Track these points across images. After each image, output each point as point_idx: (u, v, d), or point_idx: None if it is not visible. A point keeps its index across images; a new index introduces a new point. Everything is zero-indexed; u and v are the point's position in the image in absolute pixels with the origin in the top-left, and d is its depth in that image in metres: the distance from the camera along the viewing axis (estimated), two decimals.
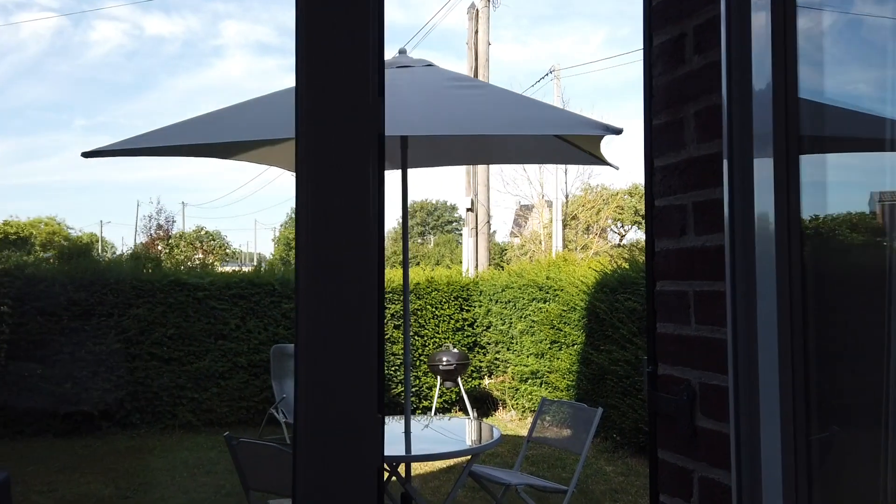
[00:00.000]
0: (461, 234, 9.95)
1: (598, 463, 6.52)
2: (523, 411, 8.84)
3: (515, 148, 4.57)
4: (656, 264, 1.63)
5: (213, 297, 8.01)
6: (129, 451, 6.82)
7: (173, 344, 7.82)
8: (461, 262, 11.34)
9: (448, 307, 9.44)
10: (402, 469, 4.10)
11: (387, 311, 8.99)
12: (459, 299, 9.57)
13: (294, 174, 0.97)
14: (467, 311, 9.63)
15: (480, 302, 9.57)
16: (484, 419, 8.97)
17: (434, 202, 65.86)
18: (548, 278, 8.27)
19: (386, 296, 8.82)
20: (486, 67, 10.22)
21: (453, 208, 59.39)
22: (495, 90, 4.60)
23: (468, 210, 10.27)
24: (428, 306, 9.29)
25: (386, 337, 8.96)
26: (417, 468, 6.28)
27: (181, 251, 15.46)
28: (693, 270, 1.51)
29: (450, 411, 9.49)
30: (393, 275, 9.29)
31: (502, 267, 9.66)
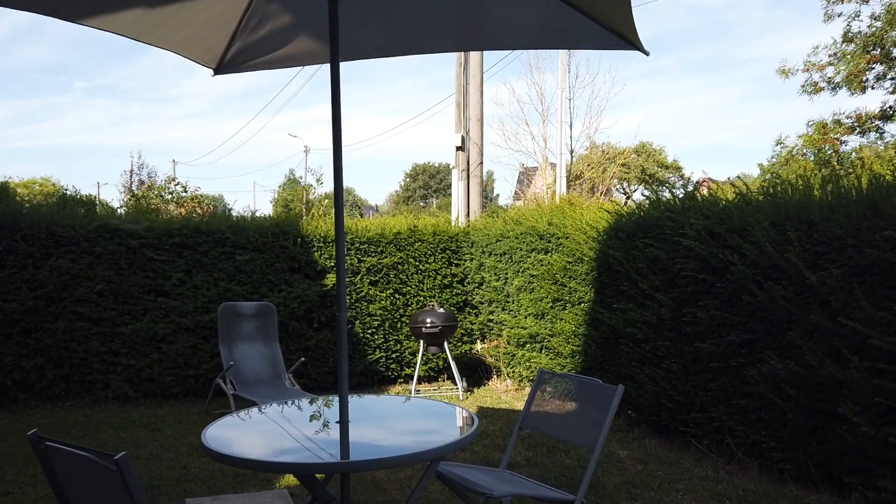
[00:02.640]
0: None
1: (609, 446, 5.41)
2: (520, 380, 7.73)
3: (515, 24, 3.30)
4: None
5: (151, 245, 6.80)
6: (42, 428, 5.70)
7: (103, 302, 6.64)
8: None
9: (434, 261, 8.27)
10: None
11: (362, 263, 7.80)
12: (447, 252, 8.39)
13: None
14: (456, 265, 8.46)
15: (472, 255, 8.38)
16: (475, 389, 7.86)
17: (437, 165, 64.46)
18: (550, 224, 7.06)
19: (362, 246, 7.63)
20: None
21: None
22: None
23: (458, 149, 9.00)
24: (410, 259, 8.11)
25: (361, 294, 7.78)
26: None
27: (149, 202, 14.16)
28: None
29: (436, 380, 8.39)
30: (371, 224, 8.09)
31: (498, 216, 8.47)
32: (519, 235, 7.54)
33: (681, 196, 5.42)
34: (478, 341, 8.56)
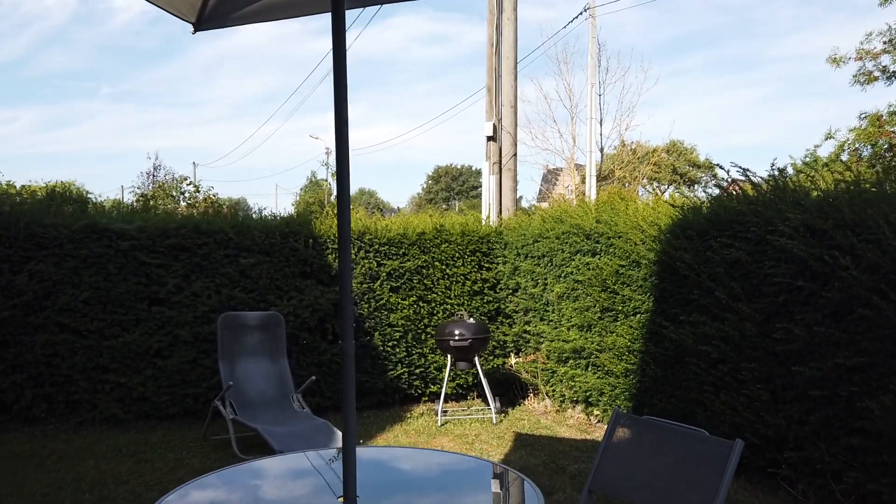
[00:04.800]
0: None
1: None
2: (561, 401, 6.90)
3: None
4: None
5: (144, 248, 6.08)
6: (15, 458, 4.99)
7: (90, 311, 5.94)
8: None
9: (462, 264, 7.48)
10: None
11: (382, 268, 7.03)
12: (477, 254, 7.59)
13: None
14: (488, 269, 7.66)
15: (505, 257, 7.58)
16: (509, 410, 7.05)
17: (459, 167, 63.58)
18: (598, 222, 6.24)
19: (382, 248, 6.87)
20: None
21: (478, 173, 57.29)
22: None
23: (489, 139, 8.19)
24: (436, 263, 7.33)
25: (381, 302, 7.01)
26: None
27: (157, 203, 13.54)
28: None
29: (465, 398, 7.59)
30: (392, 223, 7.32)
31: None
32: (561, 235, 6.72)
33: (770, 183, 4.56)
34: (511, 355, 7.75)
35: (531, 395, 7.44)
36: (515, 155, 8.20)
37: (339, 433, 5.16)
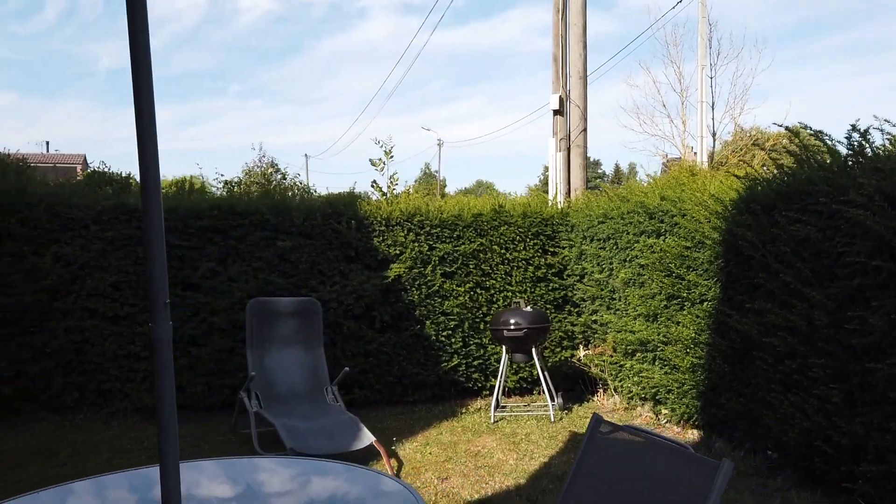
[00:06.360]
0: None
1: (741, 498, 4.08)
2: (629, 398, 6.44)
3: None
4: None
5: (174, 229, 6.14)
6: (24, 450, 5.14)
7: (120, 296, 6.06)
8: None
9: (524, 248, 7.13)
10: None
11: (434, 251, 6.81)
12: (541, 237, 7.22)
13: None
14: (553, 253, 7.27)
15: (571, 241, 7.16)
16: (574, 406, 6.66)
17: None
18: (662, 199, 5.72)
19: (434, 231, 6.65)
20: None
21: (596, 164, 55.74)
22: None
23: (555, 113, 7.73)
24: (494, 247, 7.03)
25: (433, 289, 6.79)
26: None
27: (242, 188, 13.95)
28: None
29: (530, 393, 7.27)
30: (446, 204, 7.07)
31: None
32: (625, 215, 6.23)
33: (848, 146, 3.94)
34: (580, 347, 7.32)
35: (601, 390, 7.01)
36: (585, 130, 7.73)
37: (366, 430, 5.01)
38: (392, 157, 7.24)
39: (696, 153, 19.41)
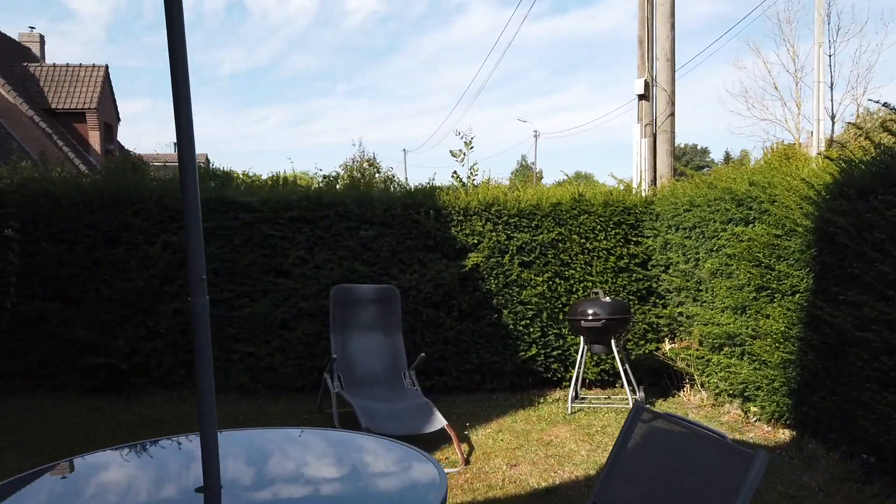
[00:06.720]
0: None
1: (832, 503, 3.83)
2: (717, 394, 6.16)
3: None
4: None
5: (267, 220, 6.37)
6: (124, 424, 5.46)
7: (219, 281, 6.35)
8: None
9: (605, 238, 6.94)
10: None
11: (511, 241, 6.74)
12: (623, 226, 7.00)
13: None
14: (636, 243, 7.04)
15: (655, 230, 6.91)
16: (658, 401, 6.45)
17: (682, 146, 59.40)
18: (751, 185, 5.41)
19: (512, 220, 6.60)
20: None
21: (704, 152, 53.42)
22: None
23: (640, 97, 7.46)
24: (574, 236, 6.88)
25: (511, 278, 6.73)
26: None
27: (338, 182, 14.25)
28: None
29: (613, 386, 7.08)
30: (524, 194, 6.98)
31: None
32: (711, 202, 5.95)
33: None
34: (666, 340, 7.06)
35: (687, 385, 6.74)
36: (673, 115, 7.43)
37: (439, 414, 5.02)
38: (472, 147, 7.21)
39: (811, 135, 18.34)
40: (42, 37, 23.46)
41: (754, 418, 5.68)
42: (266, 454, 2.34)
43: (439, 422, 4.89)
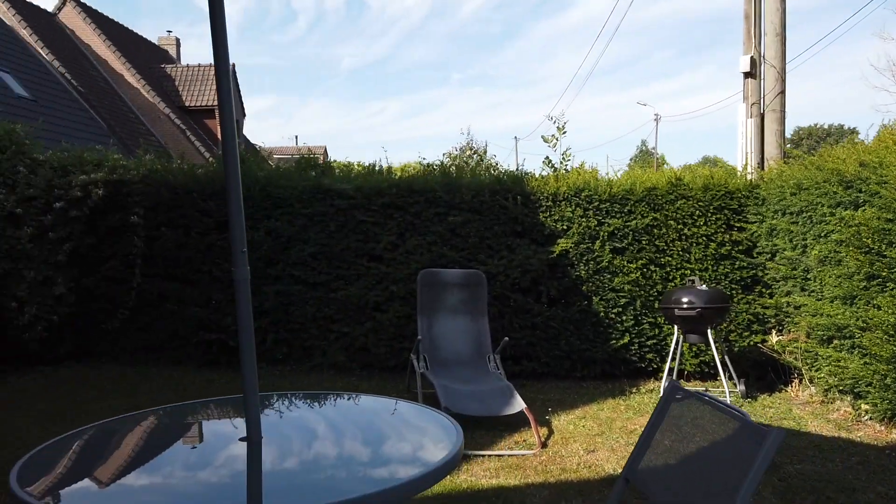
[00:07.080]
0: None
1: None
2: (826, 390, 5.75)
3: None
4: None
5: (360, 206, 6.55)
6: (220, 394, 5.79)
7: (317, 265, 6.61)
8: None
9: (705, 224, 6.62)
10: None
11: (602, 227, 6.57)
12: (725, 211, 6.65)
13: None
14: (739, 229, 6.66)
15: (762, 215, 6.51)
16: (760, 396, 6.11)
17: (825, 126, 54.19)
18: (862, 166, 4.99)
19: (603, 206, 6.44)
20: None
21: (852, 132, 49.13)
22: None
23: (746, 75, 6.99)
24: (670, 222, 6.61)
25: (602, 265, 6.56)
26: None
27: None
28: None
29: (713, 378, 6.77)
30: (616, 179, 6.77)
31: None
32: (819, 185, 5.53)
33: None
34: (773, 332, 6.65)
35: (795, 380, 6.33)
36: (783, 93, 6.95)
37: (518, 398, 4.99)
38: (565, 132, 7.07)
39: None
40: (178, 39, 25.20)
41: (866, 417, 5.26)
42: (308, 414, 2.65)
43: (518, 405, 4.86)
